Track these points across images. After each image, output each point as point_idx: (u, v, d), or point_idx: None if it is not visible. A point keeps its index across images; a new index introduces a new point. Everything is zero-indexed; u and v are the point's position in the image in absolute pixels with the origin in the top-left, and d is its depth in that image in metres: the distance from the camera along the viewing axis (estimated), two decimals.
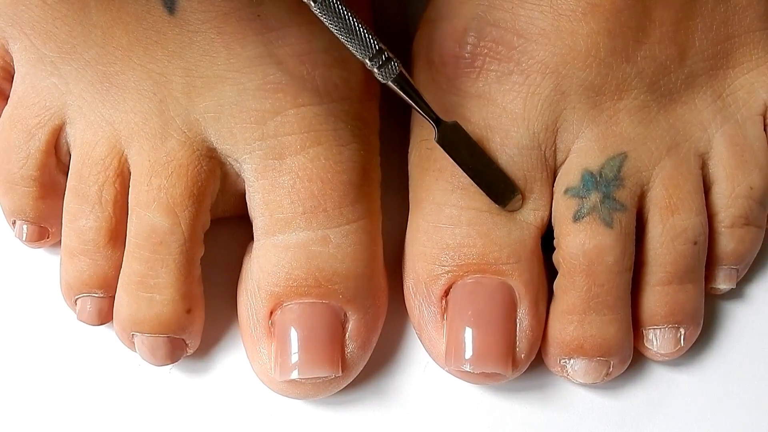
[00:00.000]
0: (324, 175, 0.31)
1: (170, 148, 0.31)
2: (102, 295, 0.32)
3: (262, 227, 0.32)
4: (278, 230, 0.31)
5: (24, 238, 0.33)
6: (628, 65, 0.32)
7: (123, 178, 0.32)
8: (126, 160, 0.32)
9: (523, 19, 0.31)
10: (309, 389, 0.31)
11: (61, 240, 0.33)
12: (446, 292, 0.32)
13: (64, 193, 0.32)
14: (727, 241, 0.33)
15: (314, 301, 0.31)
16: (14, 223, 0.33)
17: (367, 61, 0.27)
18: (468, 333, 0.31)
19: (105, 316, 0.32)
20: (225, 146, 0.32)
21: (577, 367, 0.32)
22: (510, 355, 0.31)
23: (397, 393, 0.33)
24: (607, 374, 0.32)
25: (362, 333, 0.32)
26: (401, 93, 0.28)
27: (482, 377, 0.31)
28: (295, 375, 0.31)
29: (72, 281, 0.32)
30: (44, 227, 0.33)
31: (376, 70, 0.27)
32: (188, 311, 0.31)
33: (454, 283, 0.32)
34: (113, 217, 0.31)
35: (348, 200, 0.32)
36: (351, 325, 0.32)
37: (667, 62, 0.32)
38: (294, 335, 0.31)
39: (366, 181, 0.33)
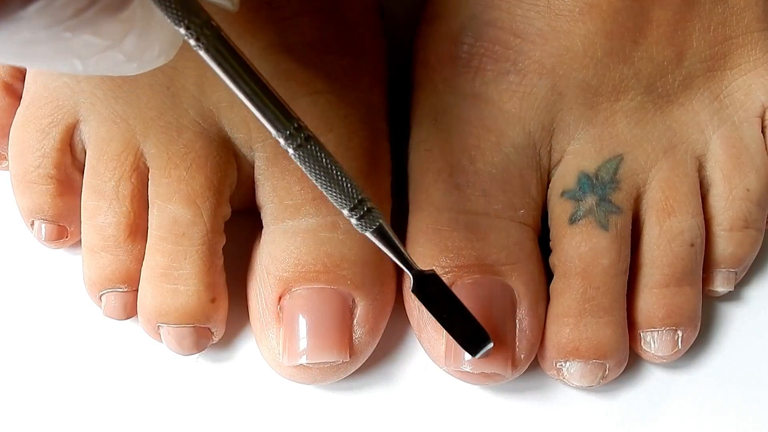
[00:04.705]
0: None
1: (187, 139, 0.31)
2: (126, 290, 0.32)
3: (271, 214, 0.32)
4: (287, 216, 0.32)
5: (43, 238, 0.33)
6: (625, 66, 0.31)
7: (139, 172, 0.32)
8: (142, 154, 0.32)
9: (519, 19, 0.31)
10: (317, 374, 0.31)
11: (79, 241, 0.33)
12: None
13: (81, 191, 0.32)
14: (726, 245, 0.33)
15: (323, 286, 0.31)
16: (32, 224, 0.33)
17: (345, 211, 0.26)
18: None
19: (131, 310, 0.32)
20: (239, 135, 0.32)
21: (573, 370, 0.32)
22: (509, 356, 0.31)
23: (405, 378, 0.33)
24: (603, 377, 0.32)
25: (370, 319, 0.32)
26: (379, 243, 0.27)
27: (482, 377, 0.31)
28: (303, 360, 0.31)
29: (95, 278, 0.32)
30: (63, 226, 0.33)
31: (354, 220, 0.26)
32: (212, 300, 0.31)
33: (453, 283, 0.32)
34: (131, 211, 0.32)
35: None
36: (359, 311, 0.32)
37: (665, 63, 0.32)
38: (302, 320, 0.31)
39: (375, 167, 0.33)
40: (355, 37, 0.33)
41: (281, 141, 0.25)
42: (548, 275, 0.32)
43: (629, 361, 0.32)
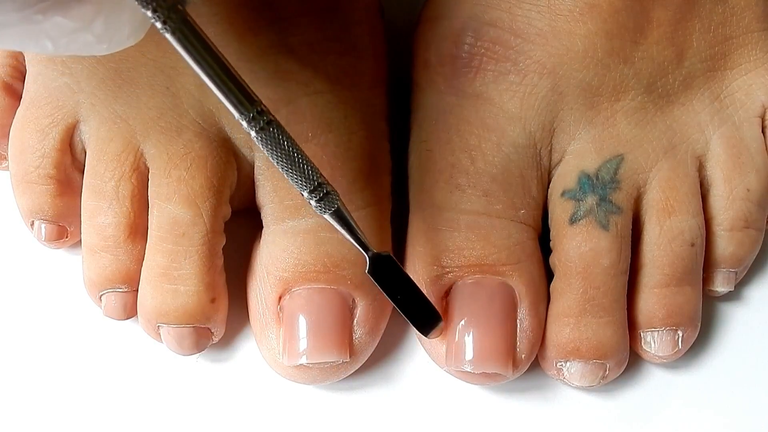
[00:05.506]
0: (334, 162, 0.32)
1: (187, 140, 0.31)
2: (126, 290, 0.32)
3: (271, 214, 0.32)
4: (288, 216, 0.32)
5: (43, 238, 0.33)
6: (625, 66, 0.31)
7: (139, 172, 0.32)
8: (142, 155, 0.32)
9: (520, 19, 0.31)
10: (317, 374, 0.32)
11: (79, 241, 0.33)
12: (446, 293, 0.32)
13: (81, 191, 0.33)
14: (726, 244, 0.33)
15: (323, 286, 0.31)
16: (32, 224, 0.33)
17: (305, 194, 0.27)
18: (468, 333, 0.31)
19: (130, 310, 0.32)
20: (239, 135, 0.32)
21: (573, 370, 0.32)
22: (510, 356, 0.31)
23: (405, 378, 0.33)
24: (603, 377, 0.32)
25: (370, 319, 0.32)
26: (336, 225, 0.28)
27: (482, 378, 0.31)
28: (303, 360, 0.31)
29: (95, 278, 0.32)
30: (63, 226, 0.33)
31: (313, 202, 0.27)
32: (212, 300, 0.31)
33: (454, 283, 0.32)
34: (131, 211, 0.32)
35: (357, 187, 0.32)
36: (359, 311, 0.32)
37: (665, 63, 0.32)
38: (302, 320, 0.31)
39: (374, 167, 0.33)
40: (355, 37, 0.33)
41: (243, 124, 0.26)
42: (548, 275, 0.32)
43: (629, 361, 0.32)
